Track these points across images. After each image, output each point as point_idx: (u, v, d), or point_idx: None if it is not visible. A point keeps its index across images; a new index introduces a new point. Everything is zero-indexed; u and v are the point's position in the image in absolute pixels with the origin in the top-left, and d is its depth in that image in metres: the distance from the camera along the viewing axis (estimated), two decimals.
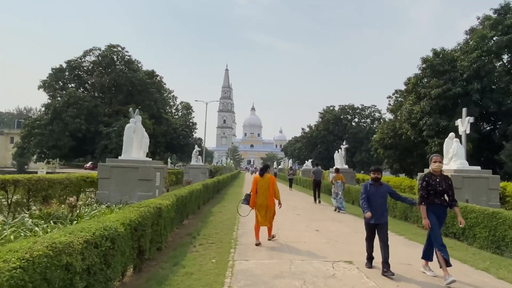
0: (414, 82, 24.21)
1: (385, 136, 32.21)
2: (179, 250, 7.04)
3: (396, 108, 35.25)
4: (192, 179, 26.94)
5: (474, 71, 20.50)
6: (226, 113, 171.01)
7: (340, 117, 60.21)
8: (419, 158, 32.52)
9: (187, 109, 55.05)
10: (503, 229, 7.49)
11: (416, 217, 11.39)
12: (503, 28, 20.16)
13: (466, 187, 13.22)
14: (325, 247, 7.52)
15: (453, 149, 14.28)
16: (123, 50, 42.39)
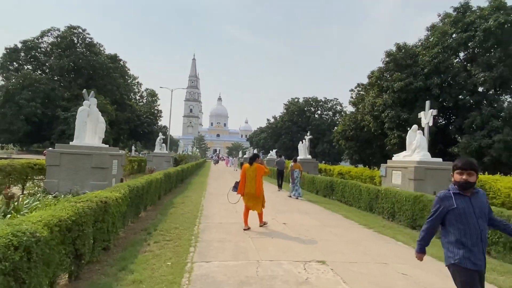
0: (377, 75, 24.02)
1: (347, 128, 32.21)
2: (130, 250, 5.91)
3: (358, 101, 35.32)
4: (156, 167, 25.39)
5: (434, 66, 20.52)
6: (193, 103, 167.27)
7: (304, 109, 60.16)
8: (378, 150, 32.89)
9: (152, 96, 52.63)
10: None
11: (381, 208, 10.90)
12: (463, 26, 20.25)
13: (428, 179, 12.96)
14: (294, 243, 6.67)
15: (416, 141, 13.97)
16: (84, 32, 39.39)
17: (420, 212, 8.78)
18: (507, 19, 18.05)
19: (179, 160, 37.17)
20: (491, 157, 18.53)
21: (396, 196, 10.10)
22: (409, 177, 13.15)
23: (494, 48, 19.62)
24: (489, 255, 6.60)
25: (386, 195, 10.72)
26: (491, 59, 19.48)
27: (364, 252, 6.25)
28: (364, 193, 12.27)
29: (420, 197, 8.89)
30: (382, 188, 11.35)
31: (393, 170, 14.50)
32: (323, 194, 16.24)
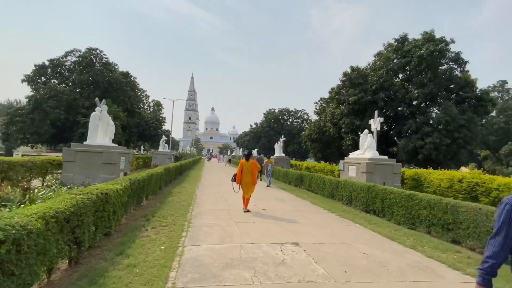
0: (336, 91, 23.89)
1: (312, 132, 32.06)
2: (129, 235, 5.27)
3: (320, 111, 35.27)
4: (159, 163, 24.40)
5: (380, 85, 20.50)
6: (191, 112, 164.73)
7: (279, 118, 59.91)
8: (336, 149, 32.89)
9: (158, 106, 51.20)
10: (417, 208, 6.72)
11: (341, 195, 10.58)
12: (402, 53, 20.33)
13: (377, 172, 12.73)
14: (272, 227, 6.17)
15: (367, 142, 13.76)
16: (102, 53, 37.68)
17: (373, 199, 8.47)
18: (435, 48, 18.21)
19: (179, 157, 36.09)
20: (423, 155, 18.63)
21: (353, 186, 9.80)
22: (362, 171, 12.90)
23: (425, 70, 19.78)
24: (430, 235, 6.33)
25: (345, 185, 10.41)
26: (423, 79, 19.61)
27: (330, 234, 5.83)
28: (327, 184, 11.95)
29: (373, 187, 8.59)
30: (341, 179, 11.04)
31: (349, 165, 14.24)
32: (295, 184, 15.85)
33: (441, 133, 18.05)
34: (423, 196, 6.63)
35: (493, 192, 8.96)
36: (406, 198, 7.11)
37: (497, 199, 8.87)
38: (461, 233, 5.51)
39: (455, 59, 19.03)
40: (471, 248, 5.30)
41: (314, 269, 3.90)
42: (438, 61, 19.55)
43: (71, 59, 36.86)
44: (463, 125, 18.01)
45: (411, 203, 6.93)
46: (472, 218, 5.29)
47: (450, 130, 17.97)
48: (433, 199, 6.31)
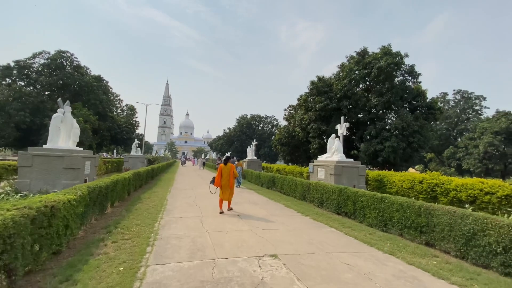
0: (304, 98, 23.81)
1: (282, 137, 31.88)
2: (83, 252, 4.22)
3: (289, 117, 35.28)
4: (131, 167, 22.56)
5: (344, 93, 20.69)
6: (166, 117, 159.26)
7: (251, 123, 59.46)
8: (304, 153, 33.01)
9: (131, 110, 48.38)
10: (390, 211, 6.34)
11: (312, 197, 10.11)
12: (363, 65, 20.71)
13: (344, 174, 12.48)
14: (247, 235, 5.41)
15: (335, 146, 13.53)
16: (72, 56, 34.63)
17: (344, 201, 8.05)
18: (393, 61, 18.73)
19: (152, 161, 33.99)
20: (382, 158, 18.98)
21: (324, 188, 9.35)
22: (330, 173, 12.58)
23: (383, 81, 20.30)
24: (402, 237, 5.95)
25: (316, 187, 9.96)
26: (382, 89, 20.10)
27: (308, 241, 5.20)
28: (299, 186, 11.45)
29: (345, 190, 8.17)
30: (312, 182, 10.58)
31: (318, 167, 13.90)
32: (267, 187, 15.21)
33: (398, 137, 18.51)
34: (395, 198, 6.27)
35: (451, 192, 8.97)
36: (378, 200, 6.73)
37: (455, 199, 8.89)
38: (435, 236, 5.15)
39: (409, 71, 19.78)
40: (446, 251, 4.95)
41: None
42: (394, 73, 20.16)
43: (40, 61, 33.43)
44: (417, 130, 18.64)
45: (383, 206, 6.55)
46: (446, 221, 4.94)
47: (405, 135, 18.49)
48: (406, 202, 5.95)
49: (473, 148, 37.87)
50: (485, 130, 37.17)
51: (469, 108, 46.60)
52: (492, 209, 7.62)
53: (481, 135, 37.77)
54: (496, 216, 4.23)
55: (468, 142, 39.92)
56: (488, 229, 4.21)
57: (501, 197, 7.39)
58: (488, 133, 36.06)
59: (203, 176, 21.94)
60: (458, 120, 45.81)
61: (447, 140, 44.92)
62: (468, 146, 39.45)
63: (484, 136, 36.32)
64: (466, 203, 8.51)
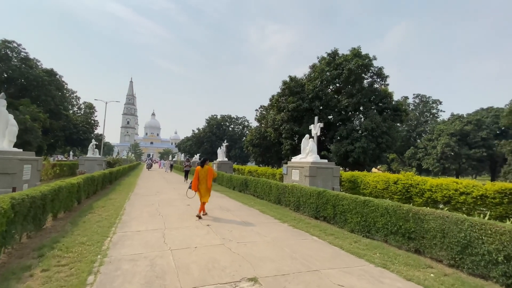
0: (276, 98, 23.46)
1: (253, 138, 31.35)
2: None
3: (261, 118, 34.85)
4: (87, 170, 20.30)
5: (315, 94, 20.65)
6: (130, 116, 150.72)
7: (221, 123, 58.19)
8: (275, 154, 32.78)
9: (90, 108, 44.54)
10: (374, 216, 5.91)
11: (288, 201, 9.54)
12: (334, 66, 20.87)
13: (319, 175, 12.13)
14: (220, 252, 4.56)
15: (309, 146, 13.16)
16: (19, 46, 30.76)
17: (323, 205, 7.55)
18: (363, 63, 19.06)
19: (112, 163, 31.33)
20: (353, 158, 19.19)
21: (301, 191, 8.80)
22: (305, 174, 12.17)
23: (354, 82, 20.63)
24: (387, 243, 5.54)
25: (293, 190, 9.39)
26: (352, 90, 20.40)
27: (291, 255, 4.51)
28: (273, 189, 10.81)
29: (323, 193, 7.67)
30: (288, 184, 10.00)
31: (292, 169, 13.45)
32: (239, 190, 14.40)
33: (367, 138, 18.84)
34: (380, 202, 5.85)
35: (426, 193, 8.95)
36: (361, 204, 6.28)
37: (430, 199, 8.87)
38: (426, 243, 4.76)
39: (378, 73, 20.33)
40: (438, 260, 4.57)
41: None
42: (364, 74, 20.59)
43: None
44: (385, 131, 19.14)
45: (366, 210, 6.11)
46: (439, 227, 4.56)
47: (375, 135, 18.88)
48: (392, 206, 5.55)
49: (431, 149, 40.66)
50: (442, 132, 40.13)
51: (427, 111, 50.17)
52: (467, 209, 7.62)
53: (438, 136, 40.70)
54: (495, 222, 3.89)
55: (427, 143, 42.82)
56: (487, 236, 3.86)
57: (477, 197, 7.41)
58: (445, 134, 38.95)
59: (169, 180, 20.49)
60: (417, 123, 49.05)
61: (408, 141, 47.78)
62: (427, 147, 42.30)
63: (441, 137, 39.17)
64: (441, 203, 8.52)
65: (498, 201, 6.95)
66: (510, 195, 6.78)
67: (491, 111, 42.77)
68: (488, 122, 40.19)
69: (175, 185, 16.43)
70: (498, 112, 41.74)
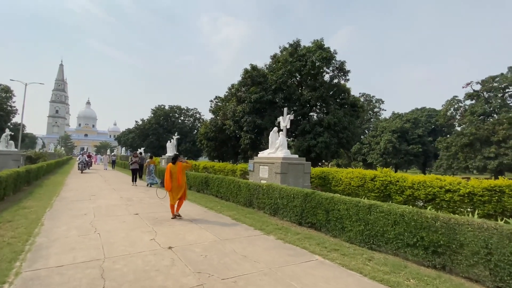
0: (237, 87, 21.85)
1: (208, 131, 29.22)
2: None
3: (216, 109, 32.86)
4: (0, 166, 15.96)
5: (279, 85, 19.71)
6: (59, 104, 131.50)
7: (170, 115, 53.90)
8: (231, 148, 31.23)
9: (6, 92, 36.61)
10: (383, 224, 4.94)
11: (262, 203, 8.24)
12: (297, 57, 20.17)
13: (290, 172, 11.12)
14: None
15: (279, 140, 12.02)
16: None
17: (313, 210, 6.41)
18: (326, 55, 18.69)
19: (35, 158, 25.98)
20: (315, 154, 18.86)
21: (281, 193, 7.57)
22: (275, 171, 11.02)
23: (316, 75, 20.25)
24: (399, 257, 4.62)
25: (269, 191, 8.11)
26: (315, 83, 20.00)
27: (275, 279, 3.15)
28: (243, 189, 9.39)
29: (312, 195, 6.52)
30: (263, 184, 8.68)
31: (260, 165, 12.18)
32: (197, 190, 12.60)
33: (329, 133, 18.66)
34: (392, 208, 4.90)
35: (407, 190, 8.56)
36: (365, 210, 5.27)
37: (411, 197, 8.50)
38: (462, 260, 3.89)
39: (340, 68, 20.28)
40: (476, 280, 3.73)
41: None
42: (326, 68, 20.35)
43: None
44: (346, 126, 19.22)
45: (372, 217, 5.12)
46: (481, 242, 3.71)
47: (336, 130, 18.81)
48: (409, 213, 4.62)
49: (375, 145, 44.02)
50: (384, 129, 43.71)
51: (371, 110, 54.33)
52: (453, 208, 7.34)
53: (381, 133, 44.24)
54: None
55: (371, 139, 46.26)
56: None
57: (464, 195, 7.13)
58: (387, 131, 42.48)
59: (109, 179, 17.38)
60: (363, 120, 52.70)
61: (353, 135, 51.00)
62: (371, 143, 45.70)
63: (384, 134, 42.64)
64: (422, 201, 8.21)
65: (487, 198, 6.73)
66: (500, 192, 6.58)
67: (424, 111, 48.19)
68: (423, 120, 45.11)
69: (117, 186, 13.78)
70: (430, 112, 47.24)
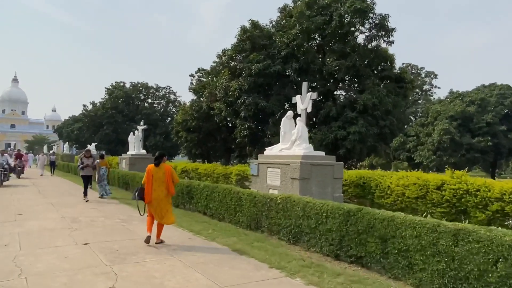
0: (230, 54, 21.15)
1: (188, 118, 28.62)
2: None
3: (198, 87, 32.23)
4: None
5: (292, 50, 19.07)
6: None
7: (132, 96, 53.24)
8: (222, 143, 30.69)
9: None
10: (480, 261, 4.36)
11: (277, 225, 7.71)
12: (318, 9, 19.51)
13: (313, 177, 10.59)
14: None
15: (297, 130, 11.35)
16: None
17: (359, 236, 5.84)
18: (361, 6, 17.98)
19: None
20: (346, 150, 18.33)
21: (306, 209, 7.02)
22: (291, 176, 10.50)
23: (346, 36, 19.65)
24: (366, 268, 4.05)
25: (286, 207, 7.56)
26: (345, 47, 19.39)
27: None
28: (246, 203, 8.87)
29: (358, 213, 5.96)
30: (277, 196, 8.12)
31: (268, 167, 11.65)
32: (176, 204, 12.02)
33: (366, 120, 18.12)
34: (495, 235, 4.30)
35: (493, 204, 8.02)
36: (449, 238, 4.68)
37: (499, 214, 7.97)
38: None
39: (380, 25, 19.58)
40: None
41: None
42: (360, 26, 19.72)
43: None
44: (390, 110, 18.67)
45: (462, 249, 4.53)
46: None
47: (376, 116, 18.28)
48: None
49: (425, 137, 43.48)
50: (439, 115, 43.14)
51: (419, 87, 53.69)
52: None
53: (434, 120, 43.64)
54: None
55: (419, 129, 45.73)
56: None
57: None
58: (443, 118, 41.89)
59: (45, 189, 16.73)
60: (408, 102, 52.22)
61: None
62: (419, 134, 45.17)
63: (438, 121, 42.02)
64: None
65: None
66: None
67: (494, 89, 47.46)
68: (492, 102, 44.44)
69: (57, 199, 13.20)
70: (503, 89, 46.47)
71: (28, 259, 5.69)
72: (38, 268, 5.23)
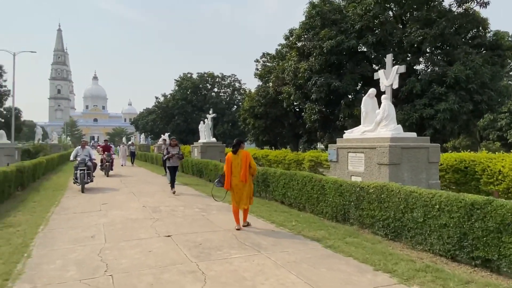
0: (298, 33, 20.02)
1: (255, 104, 28.20)
2: None
3: (264, 72, 31.60)
4: None
5: (367, 22, 17.39)
6: (61, 82, 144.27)
7: (199, 86, 54.49)
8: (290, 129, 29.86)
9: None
10: None
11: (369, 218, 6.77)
12: None
13: (404, 162, 9.37)
14: None
15: (382, 109, 10.11)
16: None
17: (488, 235, 4.67)
18: None
19: (34, 152, 28.16)
20: (433, 130, 16.40)
21: (409, 200, 5.95)
22: (378, 161, 9.39)
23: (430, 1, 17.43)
24: None
25: (381, 196, 6.55)
26: (429, 13, 17.21)
27: None
28: (330, 192, 8.00)
29: (484, 206, 4.76)
30: (368, 184, 7.12)
31: (349, 152, 10.61)
32: None
33: (458, 95, 15.94)
34: None
35: None
36: None
37: None
38: None
39: None
40: None
41: None
42: None
43: None
44: (486, 82, 16.25)
45: None
46: None
47: (470, 90, 16.00)
48: None
49: None
50: None
51: None
52: None
53: None
54: None
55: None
56: None
57: None
58: None
59: (126, 180, 17.44)
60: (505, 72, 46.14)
61: None
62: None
63: None
64: None
65: None
66: None
67: None
68: None
69: (137, 188, 13.56)
70: None
71: (112, 253, 5.50)
72: (122, 264, 4.98)
